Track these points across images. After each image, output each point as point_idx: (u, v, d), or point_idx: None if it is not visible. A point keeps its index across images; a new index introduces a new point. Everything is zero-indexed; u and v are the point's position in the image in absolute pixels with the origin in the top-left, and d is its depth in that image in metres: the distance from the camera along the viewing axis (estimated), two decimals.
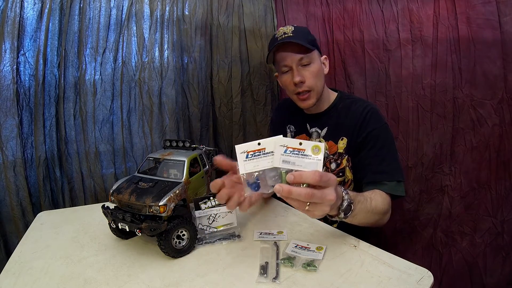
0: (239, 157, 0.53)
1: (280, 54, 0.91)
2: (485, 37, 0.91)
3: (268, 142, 0.53)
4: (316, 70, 0.91)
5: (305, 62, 0.89)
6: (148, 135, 1.27)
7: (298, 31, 0.90)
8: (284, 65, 0.91)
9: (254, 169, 0.53)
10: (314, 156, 0.52)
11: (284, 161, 0.52)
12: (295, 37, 0.88)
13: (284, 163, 0.52)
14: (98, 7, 1.13)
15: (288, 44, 0.88)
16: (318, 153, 0.52)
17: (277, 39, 0.90)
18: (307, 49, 0.88)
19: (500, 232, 0.95)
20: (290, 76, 0.91)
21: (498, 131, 0.92)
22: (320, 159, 0.52)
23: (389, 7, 1.12)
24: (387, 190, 0.82)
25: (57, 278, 0.60)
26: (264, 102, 1.51)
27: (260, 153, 0.53)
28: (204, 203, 0.74)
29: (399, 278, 0.56)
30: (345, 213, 0.61)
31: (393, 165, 0.86)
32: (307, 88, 0.91)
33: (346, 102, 0.97)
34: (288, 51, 0.89)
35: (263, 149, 0.53)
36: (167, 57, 1.28)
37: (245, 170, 0.53)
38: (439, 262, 1.08)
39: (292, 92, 0.94)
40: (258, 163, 0.53)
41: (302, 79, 0.89)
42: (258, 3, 1.48)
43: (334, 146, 0.94)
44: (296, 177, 0.50)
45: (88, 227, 0.82)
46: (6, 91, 0.98)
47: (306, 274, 0.59)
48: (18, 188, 1.01)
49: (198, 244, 0.71)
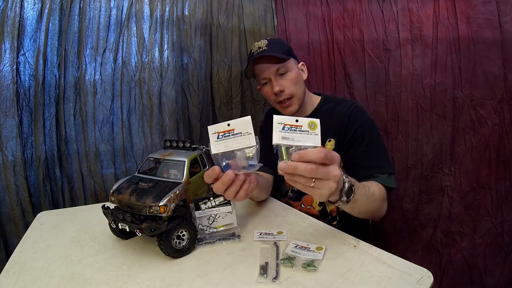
0: (211, 137, 0.56)
1: (257, 67, 0.97)
2: (485, 37, 0.91)
3: (237, 123, 0.55)
4: (294, 77, 0.95)
5: (282, 71, 0.94)
6: (148, 135, 1.27)
7: (272, 43, 0.96)
8: (263, 77, 0.97)
9: (225, 149, 0.55)
10: (311, 131, 0.53)
11: (283, 137, 0.53)
12: (269, 50, 0.93)
13: (283, 139, 0.53)
14: (98, 7, 1.13)
15: (264, 58, 0.94)
16: (315, 128, 0.53)
17: (253, 54, 0.96)
18: (282, 59, 0.93)
19: (500, 232, 0.95)
20: (270, 87, 0.96)
21: (498, 131, 0.92)
22: (317, 134, 0.53)
23: (389, 7, 1.12)
24: (380, 181, 0.83)
25: (57, 278, 0.60)
26: (264, 102, 1.52)
27: (230, 133, 0.55)
28: (204, 203, 0.74)
29: (399, 278, 0.56)
30: (347, 196, 0.61)
31: (382, 159, 0.88)
32: (288, 96, 0.95)
33: (330, 105, 1.01)
34: (265, 64, 0.94)
35: (232, 129, 0.55)
36: (167, 57, 1.28)
37: (216, 150, 0.56)
38: (439, 262, 1.08)
39: (274, 101, 0.99)
40: (228, 143, 0.55)
41: (281, 88, 0.94)
42: (258, 3, 1.48)
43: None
44: (301, 155, 0.50)
45: (88, 227, 0.82)
46: (6, 91, 0.98)
47: (306, 274, 0.58)
48: (18, 188, 1.01)
49: (198, 244, 0.71)
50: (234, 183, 0.57)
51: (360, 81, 1.24)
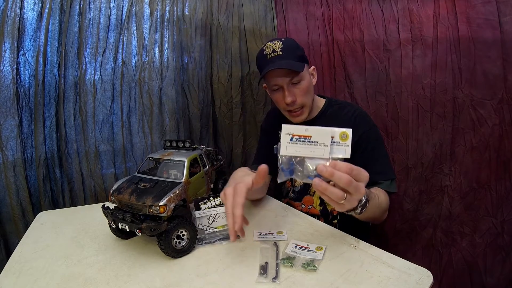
0: (284, 137, 0.52)
1: (270, 73, 0.90)
2: (485, 37, 0.91)
3: (317, 132, 0.52)
4: (306, 86, 0.91)
5: (295, 80, 0.89)
6: (148, 135, 1.27)
7: (287, 47, 0.89)
8: (274, 84, 0.91)
9: (295, 153, 0.52)
10: (342, 142, 0.52)
11: (290, 148, 0.52)
12: (285, 56, 0.88)
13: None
14: (98, 7, 1.13)
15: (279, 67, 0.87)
16: (346, 139, 0.53)
17: (266, 56, 0.90)
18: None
19: (500, 232, 0.95)
20: (281, 95, 0.92)
21: (498, 131, 0.92)
22: (348, 145, 0.52)
23: (389, 7, 1.12)
24: (384, 188, 0.85)
25: (57, 278, 0.60)
26: (264, 102, 1.51)
27: (306, 140, 0.52)
28: (204, 203, 0.74)
29: (398, 278, 0.56)
30: (362, 208, 0.62)
31: (386, 165, 0.90)
32: (299, 106, 0.92)
33: (334, 108, 1.00)
34: (279, 72, 0.88)
35: (309, 136, 0.52)
36: (167, 57, 1.28)
37: (286, 152, 0.52)
38: (439, 262, 1.08)
39: (283, 109, 0.95)
40: (300, 149, 0.52)
41: (293, 99, 0.89)
42: (258, 3, 1.48)
43: None
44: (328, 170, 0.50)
45: (88, 227, 0.83)
46: (6, 91, 0.98)
47: (306, 274, 0.59)
48: (18, 188, 1.01)
49: (198, 244, 0.71)
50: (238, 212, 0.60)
51: (360, 81, 1.24)
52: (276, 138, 1.06)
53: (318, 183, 0.50)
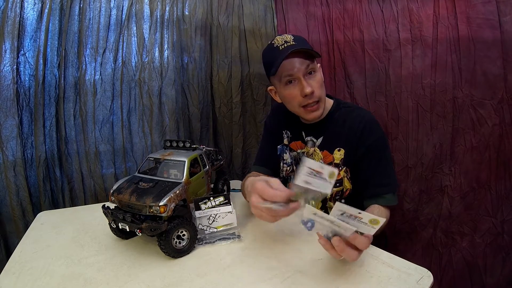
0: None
1: (285, 63, 0.83)
2: (485, 37, 0.91)
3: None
4: (320, 79, 0.88)
5: (310, 69, 0.85)
6: (148, 135, 1.27)
7: (299, 39, 0.86)
8: (289, 74, 0.84)
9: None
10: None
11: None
12: (299, 45, 0.83)
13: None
14: (98, 7, 1.13)
15: (294, 52, 0.82)
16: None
17: (279, 48, 0.84)
18: (311, 55, 0.85)
19: (500, 232, 0.95)
20: (296, 88, 0.85)
21: (498, 131, 0.92)
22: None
23: (389, 7, 1.12)
24: (385, 203, 0.85)
25: (57, 278, 0.60)
26: (264, 102, 1.51)
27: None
28: (204, 203, 0.74)
29: (399, 278, 0.56)
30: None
31: (391, 177, 0.88)
32: (316, 99, 0.86)
33: (342, 111, 0.95)
34: (295, 58, 0.83)
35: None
36: (167, 57, 1.28)
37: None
38: (439, 262, 1.08)
39: (298, 105, 0.88)
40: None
41: (312, 90, 0.84)
42: (258, 3, 1.48)
43: (329, 156, 0.92)
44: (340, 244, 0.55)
45: (88, 227, 0.83)
46: (6, 91, 0.98)
47: (306, 274, 0.59)
48: (18, 188, 1.01)
49: (198, 244, 0.71)
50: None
51: (360, 81, 1.24)
52: (280, 137, 1.06)
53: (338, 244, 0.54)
